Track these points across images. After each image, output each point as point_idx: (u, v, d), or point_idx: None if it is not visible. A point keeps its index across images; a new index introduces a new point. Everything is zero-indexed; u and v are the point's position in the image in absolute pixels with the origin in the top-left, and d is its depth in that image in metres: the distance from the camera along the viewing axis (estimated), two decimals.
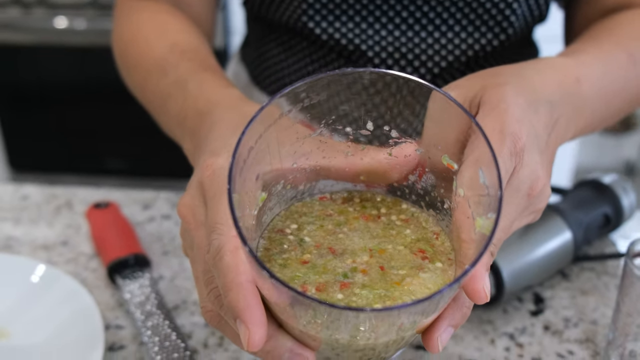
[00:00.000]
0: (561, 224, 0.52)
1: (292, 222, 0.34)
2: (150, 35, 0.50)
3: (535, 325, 0.48)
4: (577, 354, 0.45)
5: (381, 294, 0.30)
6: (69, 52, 1.92)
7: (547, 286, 0.52)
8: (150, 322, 0.45)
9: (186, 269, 0.54)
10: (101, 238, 0.54)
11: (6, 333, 0.45)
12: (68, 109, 1.98)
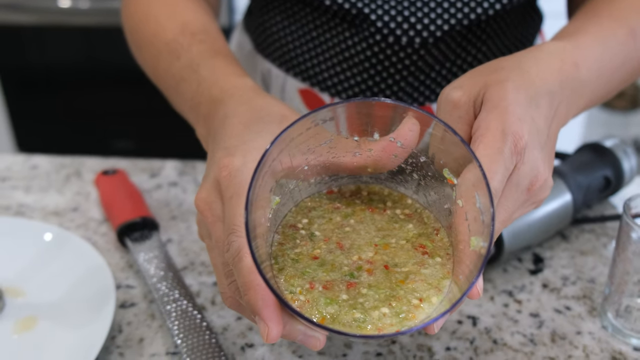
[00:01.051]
0: (561, 186, 0.53)
1: (303, 217, 0.35)
2: (160, 14, 0.51)
3: (534, 284, 0.49)
4: (574, 309, 0.47)
5: (387, 294, 0.32)
6: (74, 32, 1.93)
7: (546, 247, 0.53)
8: (160, 281, 0.47)
9: (193, 232, 0.55)
10: (110, 203, 0.55)
11: (22, 292, 0.47)
12: (74, 90, 1.99)
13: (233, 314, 0.46)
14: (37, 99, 2.02)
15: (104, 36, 1.90)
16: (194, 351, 0.41)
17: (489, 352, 0.43)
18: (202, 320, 0.44)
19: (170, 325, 0.43)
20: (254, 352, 0.43)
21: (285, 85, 0.61)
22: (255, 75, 0.65)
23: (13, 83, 2.02)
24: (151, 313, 0.46)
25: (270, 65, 0.62)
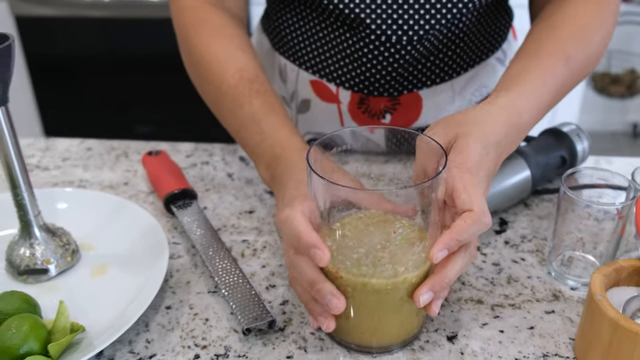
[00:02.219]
0: (522, 163, 0.65)
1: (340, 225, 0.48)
2: (220, 54, 0.62)
3: (497, 241, 0.61)
4: (527, 260, 0.59)
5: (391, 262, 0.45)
6: (95, 23, 2.05)
7: (510, 212, 0.65)
8: (201, 238, 0.59)
9: (224, 201, 0.68)
10: (156, 177, 0.68)
11: (92, 246, 0.60)
12: (97, 78, 2.12)
13: (259, 264, 0.58)
14: (62, 86, 2.15)
15: (123, 27, 2.02)
16: (230, 288, 0.54)
17: (458, 291, 0.55)
18: (236, 267, 0.56)
19: (211, 269, 0.56)
20: (276, 291, 0.55)
21: (299, 77, 0.73)
22: (274, 69, 0.77)
23: (39, 72, 2.15)
24: (194, 263, 0.59)
25: (285, 60, 0.74)
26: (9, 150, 0.52)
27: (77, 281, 0.56)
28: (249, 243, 0.61)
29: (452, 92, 0.72)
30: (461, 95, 0.73)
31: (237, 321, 0.52)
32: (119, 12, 2.01)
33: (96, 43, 2.08)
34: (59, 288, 0.55)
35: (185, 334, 0.51)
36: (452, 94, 0.72)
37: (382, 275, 0.45)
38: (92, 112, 2.15)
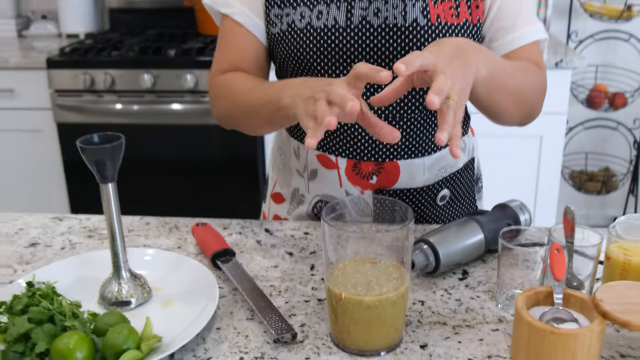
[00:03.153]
0: (478, 229, 0.87)
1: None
2: (241, 80, 0.95)
3: (460, 285, 0.82)
4: (481, 297, 0.80)
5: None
6: (126, 129, 2.34)
7: (470, 265, 0.87)
8: (240, 282, 0.81)
9: (255, 259, 0.89)
10: (204, 241, 0.90)
11: (161, 288, 0.81)
12: (124, 178, 2.37)
13: (283, 300, 0.79)
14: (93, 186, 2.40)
15: (149, 133, 2.31)
16: (263, 313, 0.74)
17: (429, 316, 0.76)
18: (267, 300, 0.77)
19: (249, 301, 0.77)
20: (296, 317, 0.76)
21: (308, 153, 1.00)
22: (290, 150, 1.04)
23: (75, 170, 2.40)
24: (235, 300, 0.80)
25: (297, 142, 1.01)
26: (113, 215, 0.75)
27: (151, 310, 0.77)
28: (275, 287, 0.82)
29: (424, 167, 0.97)
30: (430, 170, 0.97)
31: (269, 335, 0.72)
32: (147, 119, 2.30)
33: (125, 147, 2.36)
34: (138, 315, 0.76)
35: (232, 344, 0.71)
36: (423, 167, 0.97)
37: (371, 294, 0.66)
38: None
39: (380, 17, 0.91)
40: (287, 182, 1.07)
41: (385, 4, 0.91)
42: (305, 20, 0.93)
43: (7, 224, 1.01)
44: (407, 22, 0.90)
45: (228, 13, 1.00)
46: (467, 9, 0.93)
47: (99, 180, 0.73)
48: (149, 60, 2.26)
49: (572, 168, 2.88)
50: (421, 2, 0.90)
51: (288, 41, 0.95)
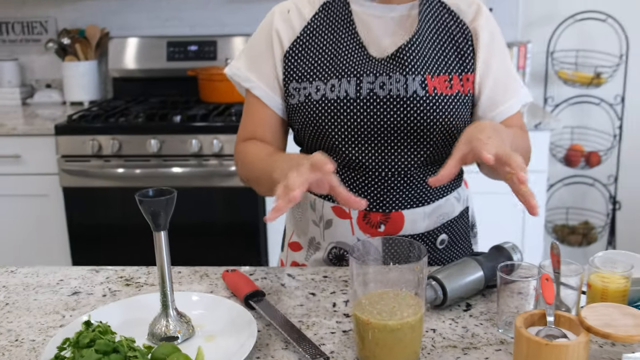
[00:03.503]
0: (478, 267, 0.99)
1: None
2: (256, 150, 1.10)
3: (465, 315, 0.94)
4: (484, 324, 0.91)
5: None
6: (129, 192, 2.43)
7: (473, 299, 0.98)
8: (274, 318, 0.91)
9: (282, 299, 1.00)
10: (235, 285, 1.01)
11: (203, 325, 0.91)
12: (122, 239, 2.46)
13: (312, 333, 0.90)
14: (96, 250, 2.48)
15: None
16: (298, 343, 0.85)
17: (440, 341, 0.87)
18: (299, 332, 0.88)
19: (285, 333, 0.87)
20: (325, 347, 0.86)
21: (324, 206, 1.13)
22: (307, 204, 1.16)
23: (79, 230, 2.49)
24: (269, 334, 0.90)
25: (315, 197, 1.14)
26: (164, 259, 0.86)
27: (196, 345, 0.87)
28: (303, 322, 0.93)
29: (424, 215, 1.10)
30: (430, 218, 1.10)
31: (306, 359, 0.82)
32: (152, 182, 2.42)
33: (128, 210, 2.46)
34: (185, 349, 0.86)
35: None
36: (423, 216, 1.09)
37: (394, 319, 0.78)
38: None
39: (385, 89, 1.06)
40: (304, 231, 1.19)
41: (389, 79, 1.06)
42: (320, 92, 1.08)
43: (47, 276, 1.11)
44: (408, 93, 1.05)
45: (248, 87, 1.15)
46: (459, 81, 1.08)
47: (153, 228, 0.85)
48: (155, 126, 2.40)
49: (555, 222, 3.03)
50: (420, 76, 1.06)
51: (305, 111, 1.09)
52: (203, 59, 2.88)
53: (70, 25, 2.95)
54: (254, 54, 1.16)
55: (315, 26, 1.12)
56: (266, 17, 1.17)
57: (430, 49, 1.08)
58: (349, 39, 1.09)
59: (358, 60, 1.07)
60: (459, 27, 1.10)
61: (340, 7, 1.11)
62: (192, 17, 2.94)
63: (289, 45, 1.12)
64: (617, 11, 2.79)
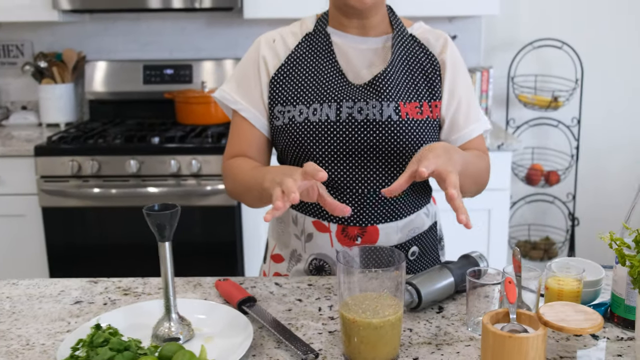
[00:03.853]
0: (449, 274, 1.10)
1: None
2: (242, 166, 1.19)
3: (438, 316, 1.04)
4: (455, 324, 1.02)
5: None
6: (105, 211, 2.50)
7: (444, 302, 1.09)
8: (266, 321, 1.00)
9: (271, 305, 1.09)
10: (228, 293, 1.09)
11: (201, 329, 0.99)
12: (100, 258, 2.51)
13: (301, 334, 0.99)
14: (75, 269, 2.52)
15: (131, 214, 2.47)
16: (292, 342, 0.94)
17: (417, 339, 0.97)
18: (290, 333, 0.97)
19: (275, 333, 0.96)
20: (313, 345, 0.96)
21: (305, 220, 1.22)
22: (289, 218, 1.25)
23: (57, 256, 2.53)
24: (262, 335, 0.99)
25: (296, 212, 1.23)
26: (168, 267, 0.95)
27: (197, 345, 0.95)
28: (292, 324, 1.02)
29: (397, 229, 1.20)
30: (402, 232, 1.21)
31: (296, 357, 0.91)
32: (130, 202, 2.48)
33: (107, 229, 2.52)
34: (187, 349, 0.94)
35: None
36: (396, 229, 1.20)
37: (377, 317, 0.88)
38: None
39: (363, 114, 1.17)
40: (286, 244, 1.28)
41: (366, 104, 1.17)
42: (303, 115, 1.18)
43: (48, 287, 1.18)
44: (383, 118, 1.17)
45: (236, 109, 1.25)
46: (428, 108, 1.20)
47: (158, 239, 0.93)
48: (134, 148, 2.47)
49: (518, 238, 3.18)
50: (394, 103, 1.17)
51: (289, 132, 1.19)
52: (179, 82, 2.97)
53: (47, 48, 3.01)
54: (242, 79, 1.26)
55: (298, 55, 1.22)
56: (253, 45, 1.27)
57: (402, 78, 1.19)
58: (329, 67, 1.20)
59: (338, 87, 1.18)
60: (428, 59, 1.22)
61: (322, 38, 1.22)
62: (170, 41, 3.03)
63: (274, 72, 1.22)
64: (572, 39, 2.98)
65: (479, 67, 2.94)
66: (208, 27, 3.02)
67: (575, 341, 0.99)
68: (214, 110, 2.74)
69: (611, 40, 3.05)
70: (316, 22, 1.24)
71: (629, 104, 3.11)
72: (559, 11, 3.03)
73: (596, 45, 3.04)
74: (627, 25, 3.04)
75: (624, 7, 3.02)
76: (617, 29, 3.05)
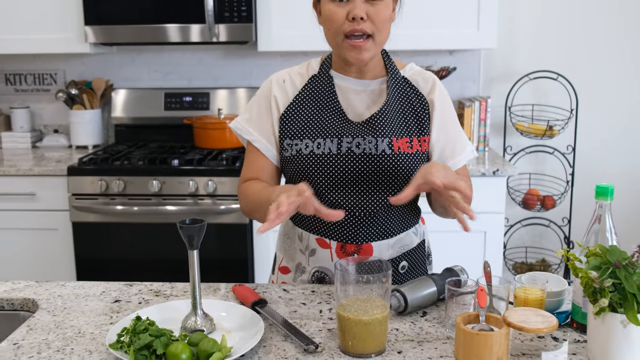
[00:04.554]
0: (432, 284, 1.28)
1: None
2: (253, 187, 1.37)
3: (421, 319, 1.23)
4: (436, 326, 1.20)
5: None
6: (127, 226, 2.70)
7: (428, 308, 1.27)
8: (275, 319, 1.19)
9: (280, 307, 1.28)
10: (244, 295, 1.29)
11: (222, 323, 1.18)
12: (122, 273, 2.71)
13: (305, 330, 1.18)
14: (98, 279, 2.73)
15: (153, 230, 2.68)
16: (297, 337, 1.13)
17: (402, 337, 1.16)
18: (296, 328, 1.16)
19: (282, 328, 1.15)
20: (314, 337, 1.15)
21: (309, 238, 1.40)
22: (295, 235, 1.44)
23: (85, 267, 2.74)
24: (272, 330, 1.18)
25: (301, 230, 1.42)
26: (195, 270, 1.14)
27: (218, 336, 1.14)
28: (297, 322, 1.21)
29: (388, 246, 1.39)
30: (393, 248, 1.40)
31: (300, 348, 1.10)
32: (152, 219, 2.68)
33: (130, 242, 2.72)
34: None
35: (275, 354, 1.09)
36: (388, 246, 1.39)
37: (367, 315, 1.06)
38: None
39: (360, 148, 1.36)
40: (292, 258, 1.48)
41: (363, 140, 1.37)
42: (309, 148, 1.38)
43: (91, 288, 1.38)
44: (378, 151, 1.36)
45: (249, 140, 1.45)
46: (418, 142, 1.39)
47: (188, 248, 1.13)
48: (156, 169, 2.68)
49: (515, 260, 3.34)
50: (387, 139, 1.37)
51: (296, 163, 1.39)
52: (197, 108, 3.20)
53: (78, 77, 3.26)
54: (255, 114, 1.46)
55: (305, 94, 1.43)
56: (265, 84, 1.47)
57: (395, 117, 1.39)
58: (331, 106, 1.40)
59: (339, 124, 1.38)
60: (418, 98, 1.42)
61: (325, 80, 1.43)
62: (189, 71, 3.26)
63: (284, 109, 1.42)
64: (567, 71, 3.18)
65: (478, 97, 3.14)
66: (224, 58, 3.26)
67: (538, 342, 1.17)
68: (229, 135, 2.96)
69: (604, 72, 3.25)
70: (320, 65, 1.45)
71: (621, 133, 3.29)
72: (554, 44, 3.24)
73: (590, 77, 3.23)
74: (619, 57, 3.24)
75: (617, 41, 3.22)
76: (610, 62, 3.24)
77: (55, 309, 1.27)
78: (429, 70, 3.08)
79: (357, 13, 1.29)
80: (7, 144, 3.18)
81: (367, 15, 1.30)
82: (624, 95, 3.27)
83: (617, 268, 1.01)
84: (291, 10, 2.85)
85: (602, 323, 1.03)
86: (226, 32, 2.82)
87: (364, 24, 1.30)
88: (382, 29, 1.33)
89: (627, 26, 3.21)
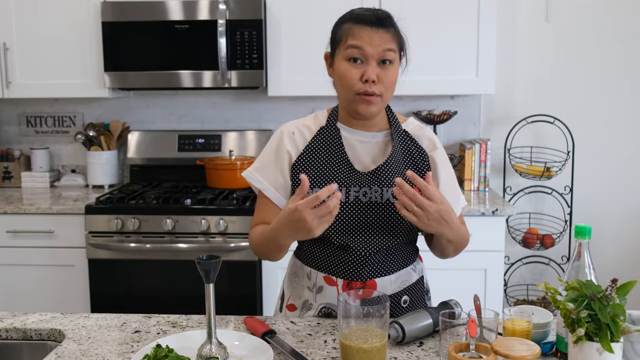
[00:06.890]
0: (428, 316, 1.39)
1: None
2: (258, 232, 1.49)
3: (418, 349, 1.33)
4: (431, 355, 1.30)
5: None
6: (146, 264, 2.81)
7: (424, 339, 1.38)
8: (284, 348, 1.30)
9: (287, 336, 1.39)
10: (254, 326, 1.40)
11: (233, 352, 1.29)
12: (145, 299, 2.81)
13: (312, 357, 1.28)
14: None
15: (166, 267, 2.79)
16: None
17: None
18: (302, 356, 1.26)
19: (290, 357, 1.26)
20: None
21: (317, 276, 1.52)
22: (304, 274, 1.55)
23: (99, 302, 2.84)
24: (280, 358, 1.28)
25: (310, 268, 1.53)
26: (211, 303, 1.26)
27: None
28: (304, 352, 1.32)
29: (390, 282, 1.50)
30: (395, 284, 1.51)
31: None
32: (165, 256, 2.80)
33: (144, 279, 2.83)
34: None
35: None
36: (390, 282, 1.50)
37: (366, 343, 1.17)
38: None
39: (367, 196, 1.49)
40: (299, 295, 1.58)
41: (370, 189, 1.49)
42: None
43: (113, 320, 1.49)
44: (383, 200, 1.49)
45: (260, 189, 1.57)
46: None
47: (205, 281, 1.25)
48: (170, 208, 2.81)
49: (517, 297, 3.42)
50: (391, 188, 1.49)
51: None
52: (209, 150, 3.34)
53: (95, 119, 3.42)
54: (266, 164, 1.58)
55: (314, 146, 1.56)
56: (275, 135, 1.60)
57: (399, 167, 1.52)
58: (339, 157, 1.53)
59: (346, 174, 1.51)
60: (418, 151, 1.55)
61: (333, 132, 1.56)
62: (202, 114, 3.42)
63: (295, 160, 1.55)
64: (563, 115, 3.32)
65: (478, 140, 3.27)
66: (236, 102, 3.42)
67: None
68: (239, 176, 3.09)
69: (599, 115, 3.38)
70: (328, 117, 1.58)
71: (617, 174, 3.41)
72: (550, 90, 3.38)
73: (585, 120, 3.37)
74: (614, 102, 3.37)
75: (611, 85, 3.36)
76: (604, 106, 3.38)
77: (80, 338, 1.38)
78: (432, 114, 3.23)
79: (370, 76, 1.43)
80: (27, 183, 3.32)
81: (378, 78, 1.45)
82: (618, 138, 3.39)
83: (592, 300, 1.12)
84: (299, 58, 3.02)
85: (580, 351, 1.14)
86: (238, 78, 2.98)
87: (375, 87, 1.45)
88: (390, 89, 1.48)
89: (622, 72, 3.35)
